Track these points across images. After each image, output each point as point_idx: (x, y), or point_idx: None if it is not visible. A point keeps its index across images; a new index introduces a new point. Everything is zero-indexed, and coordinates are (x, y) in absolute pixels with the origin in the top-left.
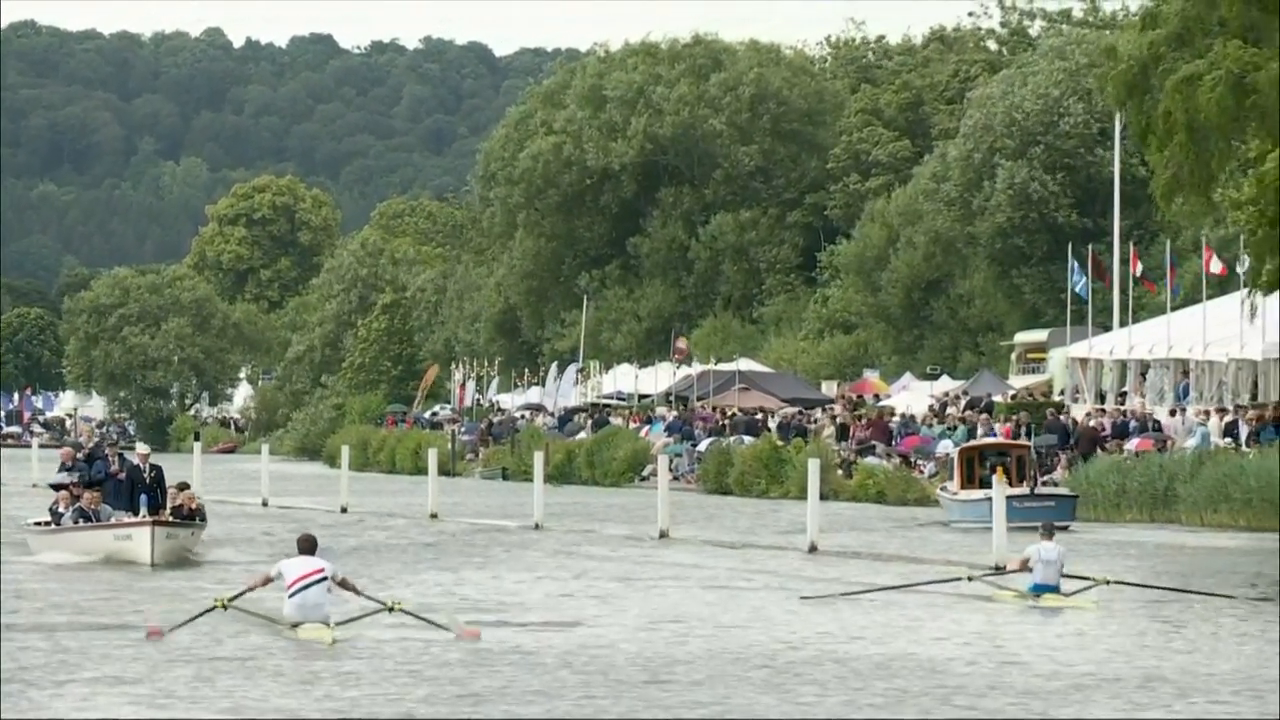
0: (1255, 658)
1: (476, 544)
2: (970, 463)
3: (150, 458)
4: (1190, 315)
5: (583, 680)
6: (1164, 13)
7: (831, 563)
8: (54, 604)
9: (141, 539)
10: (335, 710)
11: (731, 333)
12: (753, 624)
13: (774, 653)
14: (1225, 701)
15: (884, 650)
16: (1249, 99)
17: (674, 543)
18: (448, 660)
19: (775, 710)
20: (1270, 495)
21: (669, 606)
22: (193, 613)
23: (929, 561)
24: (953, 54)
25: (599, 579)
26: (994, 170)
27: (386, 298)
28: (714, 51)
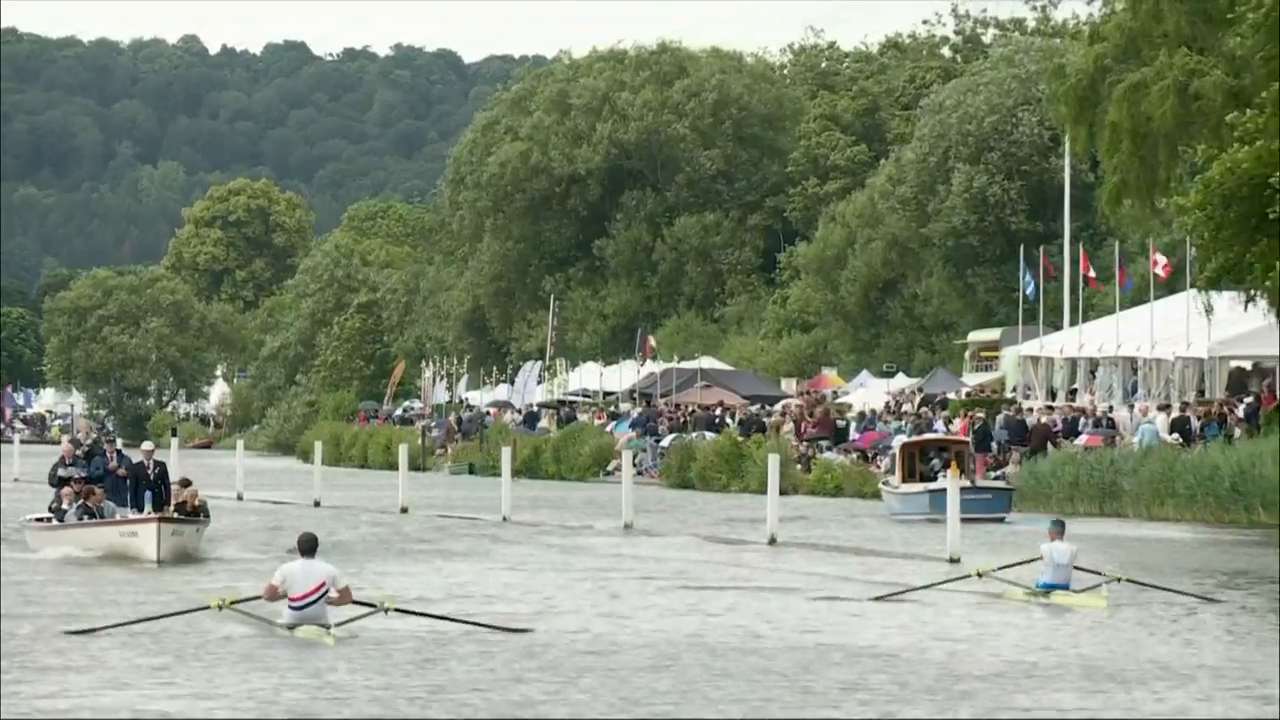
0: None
1: (445, 536)
2: (911, 457)
3: (154, 454)
4: (1138, 315)
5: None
6: (1110, 26)
7: (791, 554)
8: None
9: (147, 535)
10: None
11: (694, 331)
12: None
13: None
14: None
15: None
16: (1194, 105)
17: (638, 535)
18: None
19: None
20: (1213, 489)
21: (629, 599)
22: (188, 606)
23: (888, 554)
24: (908, 61)
25: (563, 570)
26: (948, 175)
27: (362, 297)
28: (678, 59)
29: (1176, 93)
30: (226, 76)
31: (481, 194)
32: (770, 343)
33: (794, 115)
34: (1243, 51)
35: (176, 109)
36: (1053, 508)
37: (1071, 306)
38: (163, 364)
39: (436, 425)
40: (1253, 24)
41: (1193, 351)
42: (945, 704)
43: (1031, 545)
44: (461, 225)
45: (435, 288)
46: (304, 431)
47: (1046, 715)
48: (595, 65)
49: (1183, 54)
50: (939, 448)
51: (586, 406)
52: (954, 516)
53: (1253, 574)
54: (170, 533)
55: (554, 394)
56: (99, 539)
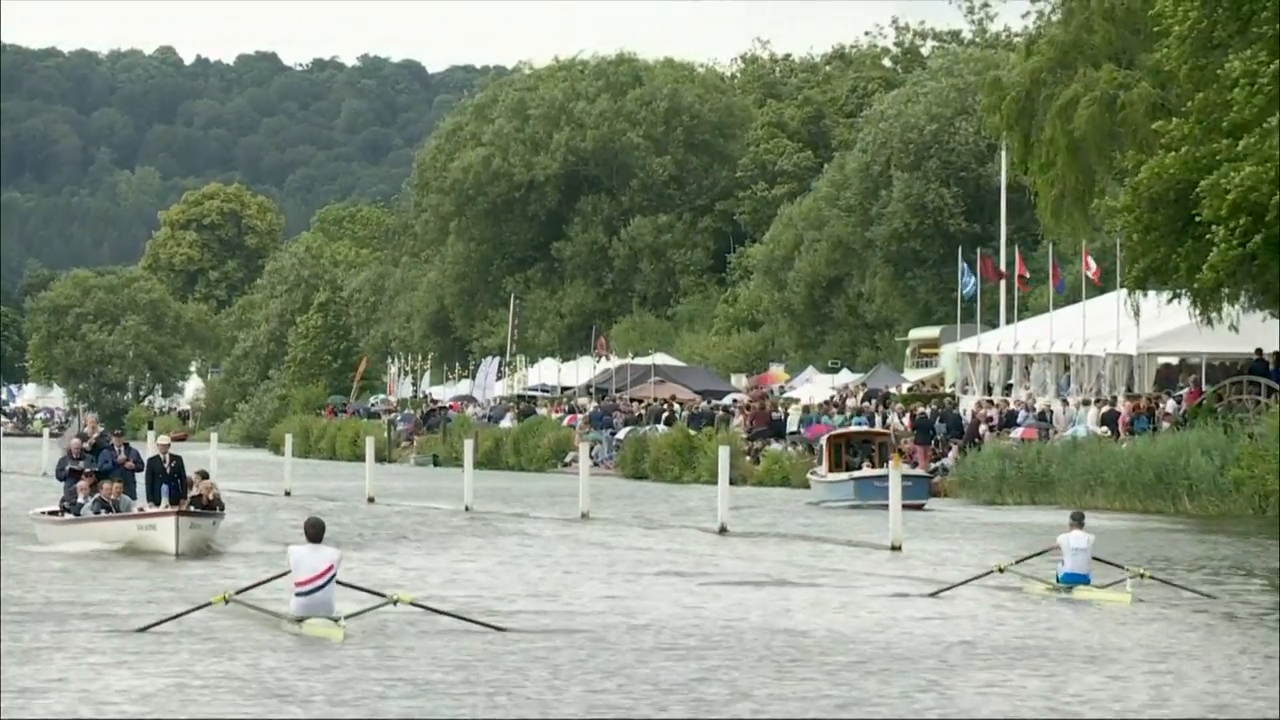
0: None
1: (410, 525)
2: (838, 449)
3: (170, 448)
4: (1071, 313)
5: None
6: (1043, 41)
7: (741, 542)
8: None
9: (166, 529)
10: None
11: (648, 329)
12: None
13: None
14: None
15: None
16: (1120, 114)
17: (594, 523)
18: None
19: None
20: (1141, 479)
21: (582, 586)
22: (195, 604)
23: (831, 541)
24: (851, 71)
25: (521, 558)
26: (890, 181)
27: (322, 296)
28: (632, 69)
29: (1105, 104)
30: (200, 86)
31: (445, 198)
32: (721, 339)
33: (743, 123)
34: (1168, 65)
35: (153, 117)
36: (988, 497)
37: (1007, 306)
38: (140, 360)
39: (401, 419)
40: (1177, 36)
41: (1122, 349)
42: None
43: (953, 528)
44: (426, 228)
45: (400, 287)
46: (275, 425)
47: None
48: (553, 75)
49: (1109, 68)
50: (863, 439)
51: (545, 401)
52: (895, 505)
53: (1183, 562)
54: (189, 526)
55: (514, 389)
56: (118, 532)
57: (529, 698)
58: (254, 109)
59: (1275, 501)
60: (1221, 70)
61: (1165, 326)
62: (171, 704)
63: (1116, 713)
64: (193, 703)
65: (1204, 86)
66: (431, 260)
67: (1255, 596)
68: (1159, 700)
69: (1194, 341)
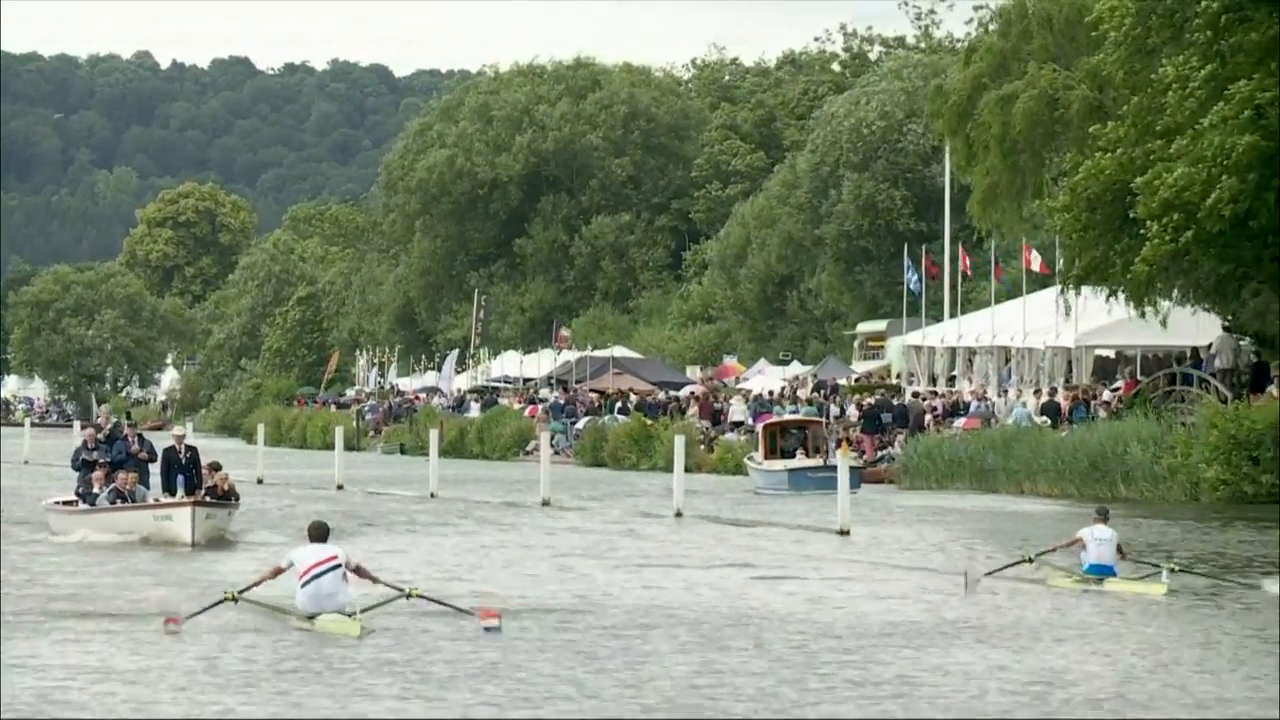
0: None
1: (377, 511)
2: (773, 436)
3: (186, 439)
4: (1012, 308)
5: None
6: (984, 48)
7: (695, 527)
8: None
9: (182, 519)
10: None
11: (607, 323)
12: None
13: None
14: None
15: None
16: (1056, 114)
17: (555, 510)
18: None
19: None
20: (1078, 466)
21: (543, 569)
22: (204, 604)
23: (781, 525)
24: (802, 75)
25: (486, 543)
26: (839, 181)
27: (302, 291)
28: (592, 74)
29: (1043, 104)
30: (176, 89)
31: (411, 197)
32: (677, 333)
33: (698, 125)
34: (1105, 69)
35: (130, 119)
36: (932, 484)
37: (951, 300)
38: (117, 352)
39: (370, 410)
40: (1113, 42)
41: (1061, 341)
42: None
43: (894, 513)
44: (393, 226)
45: (368, 283)
46: (248, 414)
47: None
48: (516, 79)
49: (1050, 69)
50: (797, 427)
51: (507, 392)
52: (844, 491)
53: (1132, 544)
54: (205, 516)
55: (477, 380)
56: (134, 523)
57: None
58: (228, 111)
59: (1207, 488)
60: (1155, 75)
61: (1102, 321)
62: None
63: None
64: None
65: (1139, 90)
66: (398, 257)
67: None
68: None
69: (1129, 335)
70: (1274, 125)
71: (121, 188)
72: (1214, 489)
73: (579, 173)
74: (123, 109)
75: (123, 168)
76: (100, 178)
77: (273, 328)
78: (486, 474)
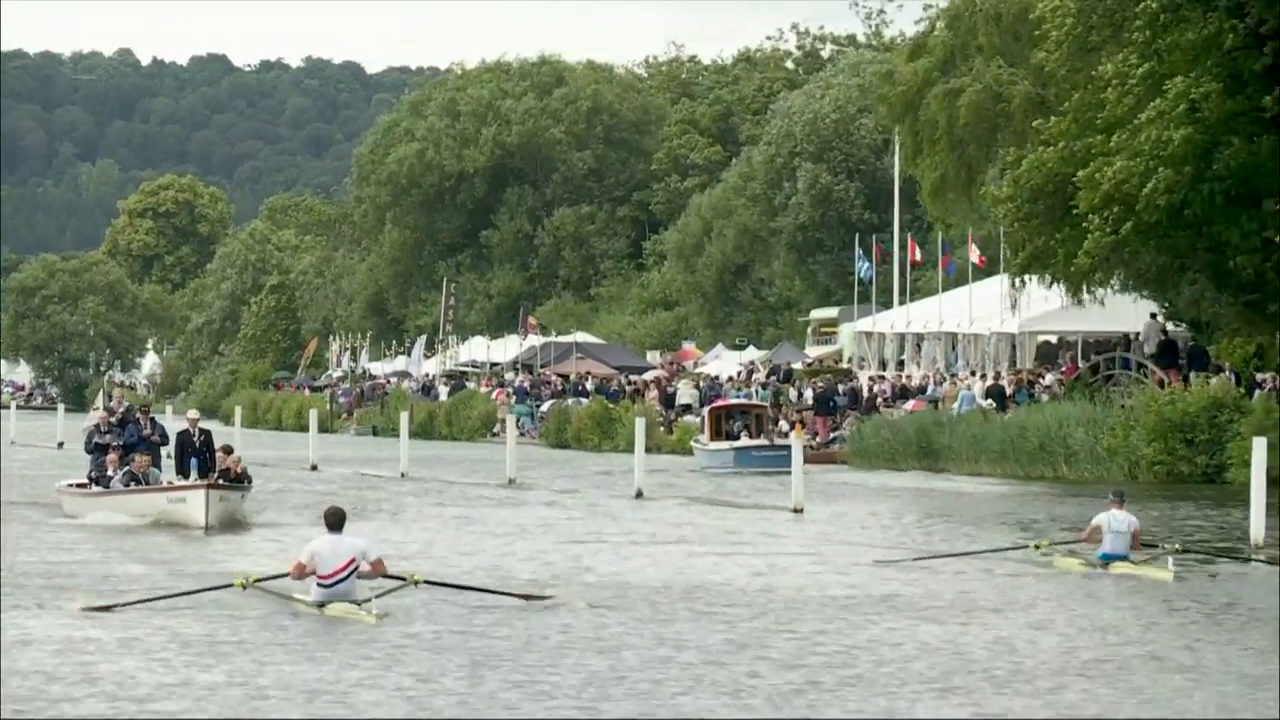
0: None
1: (351, 491)
2: (719, 419)
3: (199, 422)
4: (958, 295)
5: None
6: (931, 42)
7: (655, 505)
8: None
9: (196, 502)
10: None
11: (570, 310)
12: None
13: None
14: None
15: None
16: (1000, 108)
17: (521, 489)
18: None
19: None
20: (1023, 448)
21: (518, 548)
22: (211, 584)
23: (738, 505)
24: (757, 72)
25: (453, 523)
26: (794, 173)
27: (275, 279)
28: (556, 70)
29: (988, 99)
30: (156, 85)
31: (381, 189)
32: (637, 319)
33: (658, 120)
34: (1048, 66)
35: (112, 113)
36: (882, 464)
37: (900, 288)
38: (100, 338)
39: (343, 393)
40: (1056, 40)
41: (1005, 328)
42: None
43: (841, 492)
44: (364, 217)
45: (341, 272)
46: (226, 397)
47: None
48: (482, 76)
49: (995, 65)
50: (741, 411)
51: (475, 375)
52: (798, 470)
53: (1067, 521)
54: (218, 499)
55: (446, 365)
56: (147, 505)
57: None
58: (206, 106)
59: (1145, 468)
60: (1096, 72)
61: (1044, 308)
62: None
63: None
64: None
65: (1080, 87)
66: (369, 247)
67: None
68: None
69: (1071, 321)
70: (1208, 120)
71: (104, 180)
72: (1151, 468)
73: (543, 166)
74: (105, 104)
75: (105, 160)
76: (84, 170)
77: (249, 314)
78: (455, 454)
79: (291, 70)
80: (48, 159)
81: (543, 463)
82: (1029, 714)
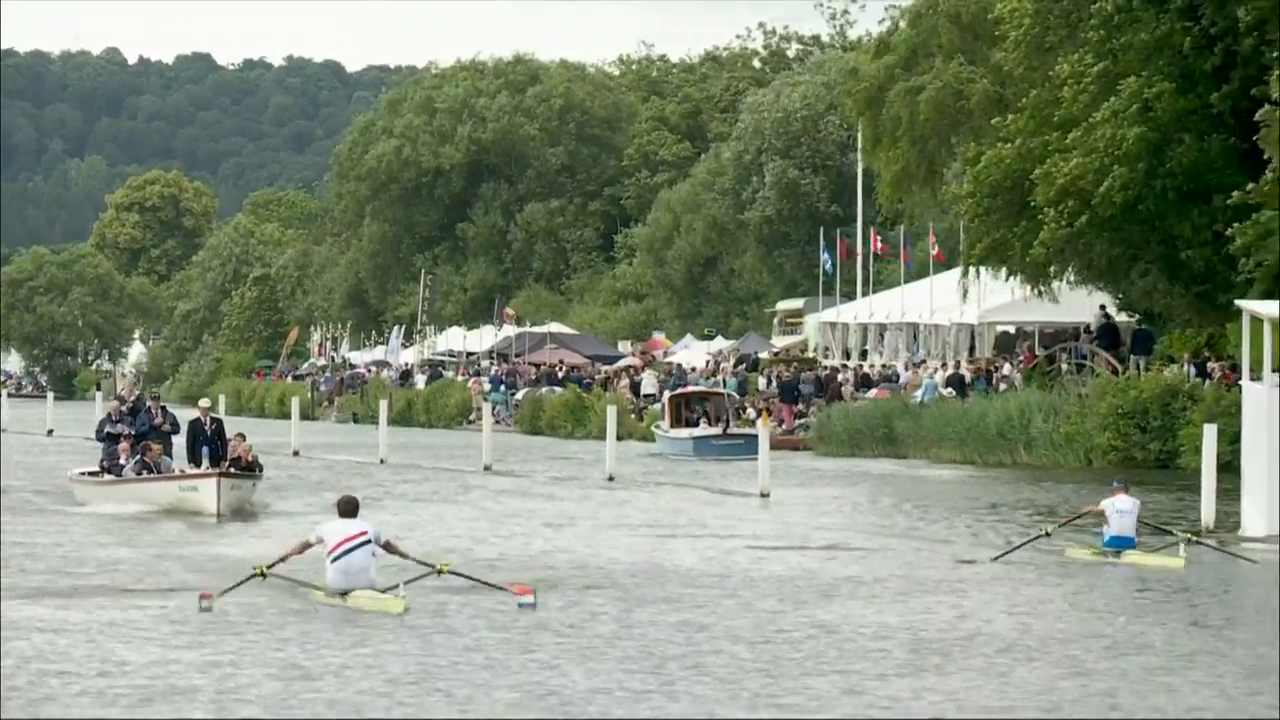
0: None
1: (333, 476)
2: (679, 406)
3: (211, 411)
4: (919, 287)
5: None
6: (893, 41)
7: (626, 489)
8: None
9: (208, 490)
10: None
11: (543, 301)
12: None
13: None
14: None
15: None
16: (960, 105)
17: (496, 475)
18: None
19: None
20: (982, 434)
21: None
22: (236, 579)
23: (705, 489)
24: (724, 71)
25: (435, 509)
26: (761, 168)
27: (256, 271)
28: (529, 69)
29: (948, 96)
30: (143, 83)
31: (361, 184)
32: (609, 310)
33: (628, 117)
34: (1006, 65)
35: (100, 111)
36: (846, 450)
37: (863, 280)
38: (87, 328)
39: (324, 381)
40: (1014, 40)
41: (965, 318)
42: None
43: (805, 477)
44: (344, 211)
45: (322, 264)
46: (210, 385)
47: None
48: (458, 74)
49: (956, 64)
50: (700, 398)
51: (452, 365)
52: (764, 456)
53: (1032, 506)
54: (230, 487)
55: (423, 354)
56: (160, 494)
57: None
58: (191, 104)
59: (1100, 454)
60: (1052, 72)
61: (1002, 299)
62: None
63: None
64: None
65: (1037, 85)
66: (349, 240)
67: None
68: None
69: (1028, 312)
70: (1161, 118)
71: (92, 175)
72: (1106, 454)
73: (517, 162)
74: (93, 102)
75: (93, 156)
76: (72, 166)
77: (231, 306)
78: (432, 441)
79: (274, 69)
80: (38, 155)
81: (517, 449)
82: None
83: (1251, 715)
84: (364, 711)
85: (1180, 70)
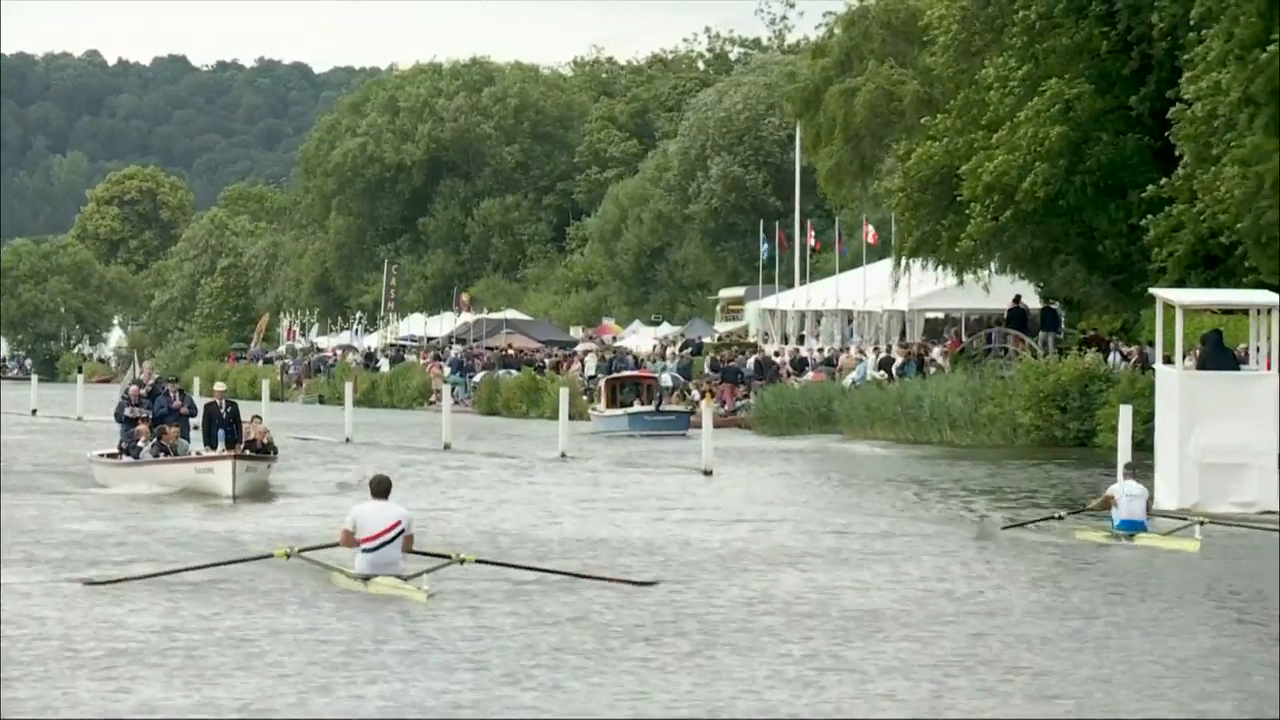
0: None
1: (302, 454)
2: (614, 389)
3: (226, 394)
4: (853, 276)
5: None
6: (829, 45)
7: (578, 466)
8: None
9: (223, 472)
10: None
11: (500, 290)
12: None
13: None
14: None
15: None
16: (892, 105)
17: (455, 453)
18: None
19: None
20: (914, 415)
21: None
22: (252, 554)
23: (650, 466)
24: (671, 73)
25: (397, 482)
26: (706, 164)
27: (225, 262)
28: (486, 70)
29: (881, 97)
30: (122, 83)
31: (327, 179)
32: (561, 298)
33: (580, 116)
34: (935, 68)
35: (81, 109)
36: (784, 429)
37: (801, 269)
38: (69, 314)
39: (293, 364)
40: (943, 45)
41: (896, 306)
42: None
43: (745, 454)
44: (311, 205)
45: (291, 254)
46: (185, 369)
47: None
48: (418, 76)
49: (888, 67)
50: (634, 382)
51: (413, 349)
52: (708, 434)
53: (965, 482)
54: (245, 469)
55: (387, 339)
56: (176, 475)
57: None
58: (167, 103)
59: (1022, 433)
60: (979, 74)
61: (931, 287)
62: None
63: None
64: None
65: (964, 87)
66: (316, 232)
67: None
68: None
69: (955, 299)
70: (1080, 118)
71: (74, 170)
72: (1028, 434)
73: (474, 159)
74: (75, 101)
75: (75, 152)
76: (55, 161)
77: (202, 293)
78: (395, 421)
79: (245, 70)
80: (22, 151)
81: (475, 429)
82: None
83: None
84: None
85: (1099, 73)
